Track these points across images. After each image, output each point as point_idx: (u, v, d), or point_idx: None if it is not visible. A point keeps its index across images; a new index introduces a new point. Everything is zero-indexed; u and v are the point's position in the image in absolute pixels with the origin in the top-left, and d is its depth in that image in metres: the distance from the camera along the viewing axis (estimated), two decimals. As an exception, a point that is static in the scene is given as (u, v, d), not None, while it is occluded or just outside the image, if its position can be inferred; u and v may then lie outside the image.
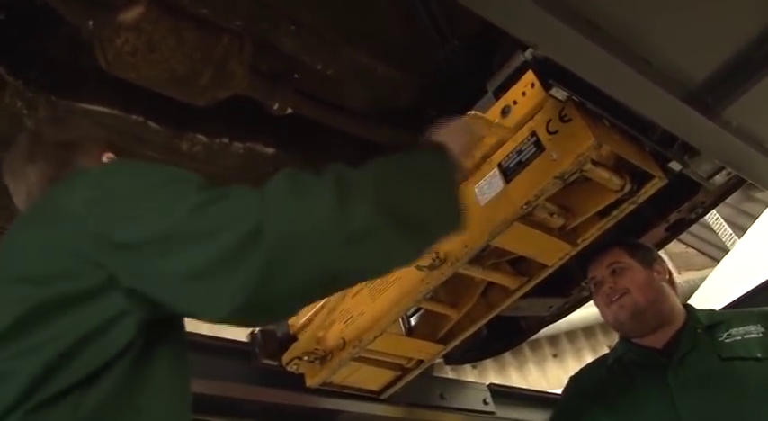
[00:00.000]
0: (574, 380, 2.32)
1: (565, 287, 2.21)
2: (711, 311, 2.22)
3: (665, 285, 2.12)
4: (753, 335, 1.97)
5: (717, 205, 2.18)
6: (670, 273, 2.19)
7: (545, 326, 2.59)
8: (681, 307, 2.12)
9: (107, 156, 1.36)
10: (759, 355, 1.92)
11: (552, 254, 1.80)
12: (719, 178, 1.77)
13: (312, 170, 1.11)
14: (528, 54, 1.47)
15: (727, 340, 1.99)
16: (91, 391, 0.98)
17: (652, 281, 2.09)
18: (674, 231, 2.23)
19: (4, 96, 1.61)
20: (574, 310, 2.53)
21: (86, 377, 0.99)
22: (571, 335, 7.52)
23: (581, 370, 2.34)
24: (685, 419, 1.90)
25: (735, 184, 2.00)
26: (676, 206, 2.02)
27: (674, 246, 8.08)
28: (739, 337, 1.98)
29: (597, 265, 2.11)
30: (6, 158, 1.39)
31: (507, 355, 7.04)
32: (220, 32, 1.65)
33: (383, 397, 2.30)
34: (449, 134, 1.39)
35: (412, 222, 1.17)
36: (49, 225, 1.10)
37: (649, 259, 2.14)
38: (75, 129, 1.39)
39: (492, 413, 2.93)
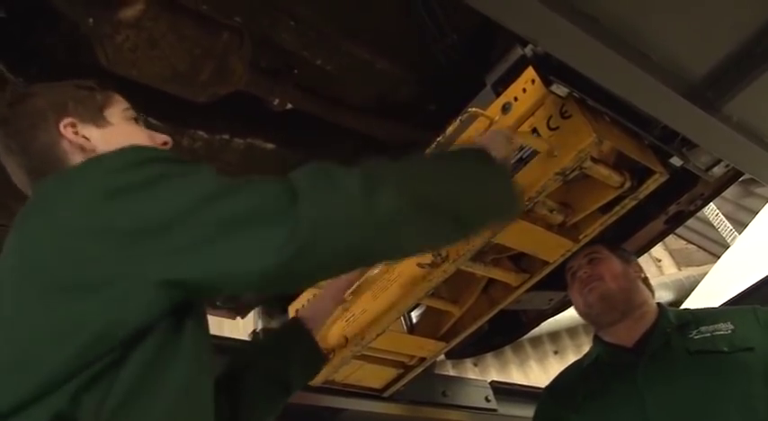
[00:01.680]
0: (548, 389, 2.34)
1: (565, 280, 2.21)
2: (682, 311, 2.25)
3: (640, 282, 2.14)
4: (721, 332, 1.98)
5: (716, 197, 2.18)
6: (646, 276, 2.21)
7: (545, 320, 2.59)
8: (654, 306, 2.13)
9: (64, 124, 1.28)
10: (726, 349, 1.93)
11: (553, 250, 1.81)
12: (718, 170, 1.77)
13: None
14: (528, 50, 1.47)
15: (696, 336, 2.00)
16: (120, 373, 0.97)
17: (627, 273, 2.11)
18: (673, 223, 2.23)
19: (4, 93, 1.61)
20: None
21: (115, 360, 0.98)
22: (572, 331, 7.51)
23: (555, 377, 2.35)
24: (652, 415, 1.91)
25: (733, 176, 2.00)
26: (675, 198, 2.01)
27: (674, 241, 8.08)
28: (708, 334, 1.99)
29: (575, 256, 2.12)
30: None
31: (508, 352, 7.04)
32: (220, 29, 1.66)
33: (385, 394, 2.30)
34: (488, 142, 1.41)
35: (444, 206, 1.19)
36: (50, 226, 1.08)
37: (627, 257, 2.18)
38: (30, 112, 1.30)
39: (494, 410, 2.94)
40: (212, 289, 1.11)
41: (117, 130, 1.30)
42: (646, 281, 2.19)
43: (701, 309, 2.22)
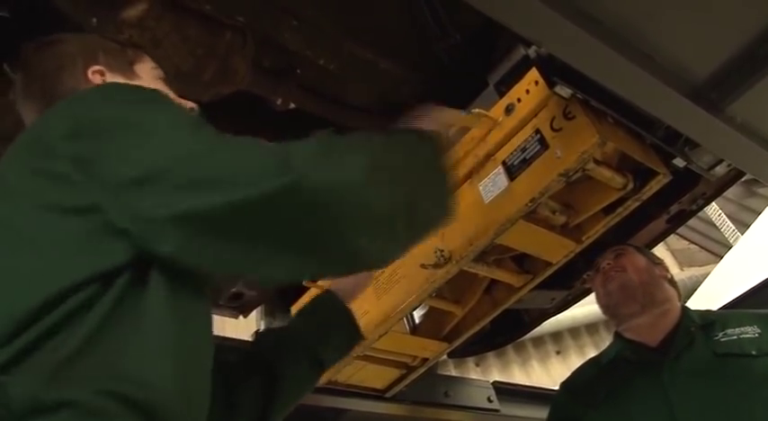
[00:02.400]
0: (564, 385, 2.33)
1: (567, 279, 2.21)
2: (705, 311, 2.24)
3: (664, 281, 2.14)
4: (749, 335, 1.98)
5: (717, 196, 2.19)
6: (672, 277, 2.22)
7: (548, 319, 2.59)
8: (678, 306, 2.14)
9: (93, 71, 1.23)
10: (754, 353, 1.93)
11: (557, 251, 1.80)
12: (720, 169, 1.77)
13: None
14: (532, 51, 1.47)
15: (722, 339, 2.00)
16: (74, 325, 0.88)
17: (650, 269, 2.13)
18: (675, 223, 2.23)
19: (7, 94, 1.61)
20: (576, 303, 2.53)
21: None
22: (574, 331, 7.51)
23: (572, 374, 2.34)
24: (680, 415, 1.91)
25: (735, 176, 2.01)
26: (677, 197, 2.01)
27: (676, 242, 8.09)
28: (735, 336, 1.99)
29: (603, 256, 2.15)
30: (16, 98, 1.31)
31: (510, 353, 7.04)
32: (223, 28, 1.66)
33: (388, 395, 2.30)
34: (431, 124, 1.36)
35: (418, 214, 1.15)
36: (31, 156, 1.04)
37: (653, 258, 2.19)
38: (59, 55, 1.25)
39: (496, 410, 2.94)
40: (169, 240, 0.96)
41: (144, 84, 1.25)
42: (672, 281, 2.20)
43: (725, 311, 2.22)
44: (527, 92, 1.59)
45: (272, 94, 1.83)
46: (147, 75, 1.30)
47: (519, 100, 1.61)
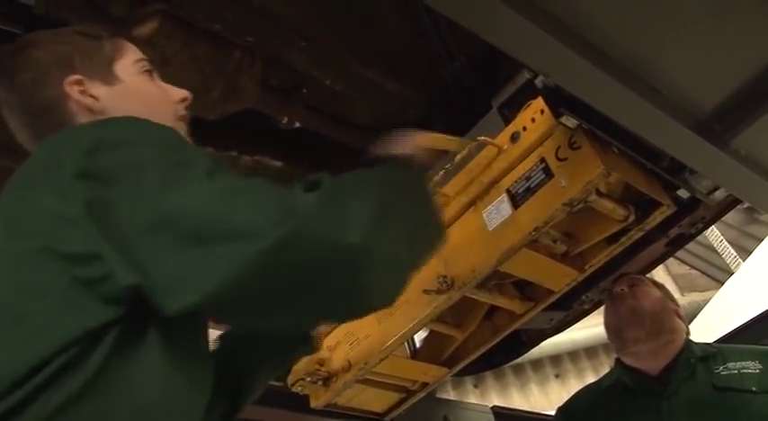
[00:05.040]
0: (562, 411, 2.32)
1: (566, 300, 2.20)
2: (706, 344, 2.24)
3: (674, 314, 2.15)
4: (750, 371, 1.98)
5: (717, 221, 2.20)
6: (681, 312, 2.23)
7: (546, 339, 2.58)
8: (683, 338, 2.13)
9: (69, 82, 1.16)
10: (754, 389, 1.92)
11: (559, 279, 1.80)
12: (719, 194, 1.78)
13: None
14: (539, 81, 1.48)
15: (723, 372, 2.00)
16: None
17: (663, 301, 2.14)
18: (674, 246, 2.23)
19: None
20: (574, 323, 2.52)
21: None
22: (573, 355, 7.50)
23: (569, 399, 2.34)
24: None
25: (734, 201, 2.01)
26: (676, 221, 2.01)
27: (677, 267, 8.08)
28: (736, 371, 1.99)
29: (619, 281, 2.17)
30: None
31: (509, 375, 7.02)
32: (232, 48, 1.68)
33: (386, 419, 2.28)
34: (405, 148, 1.35)
35: (416, 243, 1.13)
36: (33, 188, 1.00)
37: (668, 294, 2.20)
38: (32, 65, 1.18)
39: (495, 436, 2.93)
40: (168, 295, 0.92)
41: (127, 88, 1.19)
42: (681, 317, 2.20)
43: (726, 345, 2.22)
44: (533, 120, 1.60)
45: (279, 112, 1.85)
46: (129, 73, 1.22)
47: (524, 128, 1.61)
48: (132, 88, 1.20)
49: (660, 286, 2.22)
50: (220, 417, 1.33)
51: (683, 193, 1.65)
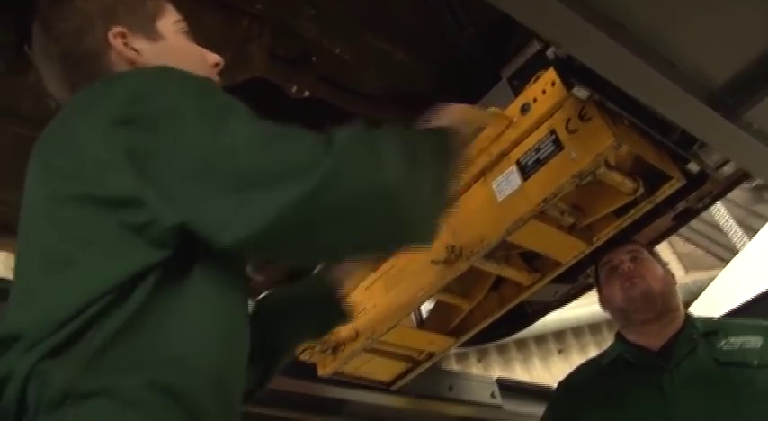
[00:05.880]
0: (562, 384, 2.33)
1: (571, 273, 2.20)
2: (708, 319, 2.24)
3: (676, 290, 2.15)
4: (752, 346, 1.99)
5: (724, 195, 2.20)
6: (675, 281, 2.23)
7: (550, 312, 2.59)
8: (683, 313, 2.14)
9: (114, 34, 1.17)
10: (756, 363, 1.93)
11: (567, 251, 1.81)
12: (728, 168, 1.76)
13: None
14: (550, 52, 1.48)
15: (725, 347, 2.00)
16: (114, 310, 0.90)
17: (666, 277, 2.13)
18: (681, 220, 2.24)
19: (28, 76, 1.62)
20: (579, 296, 2.54)
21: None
22: (577, 331, 7.51)
23: (570, 373, 2.35)
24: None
25: (742, 175, 2.01)
26: (684, 195, 2.01)
27: (682, 245, 8.06)
28: (738, 346, 2.00)
29: (616, 251, 2.15)
30: (33, 51, 1.25)
31: (513, 350, 7.05)
32: (241, 16, 1.68)
33: (393, 388, 2.31)
34: (447, 121, 1.36)
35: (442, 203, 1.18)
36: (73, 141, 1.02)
37: (663, 264, 2.19)
38: (76, 14, 1.18)
39: (499, 406, 2.96)
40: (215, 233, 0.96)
41: (169, 45, 1.21)
42: (675, 287, 2.20)
43: (728, 320, 2.22)
44: (543, 92, 1.60)
45: (288, 82, 1.85)
46: (171, 31, 1.24)
47: (535, 100, 1.61)
48: (174, 46, 1.22)
49: (657, 256, 2.21)
50: (254, 380, 1.38)
51: (692, 167, 1.65)
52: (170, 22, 1.25)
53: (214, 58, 1.28)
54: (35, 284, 0.97)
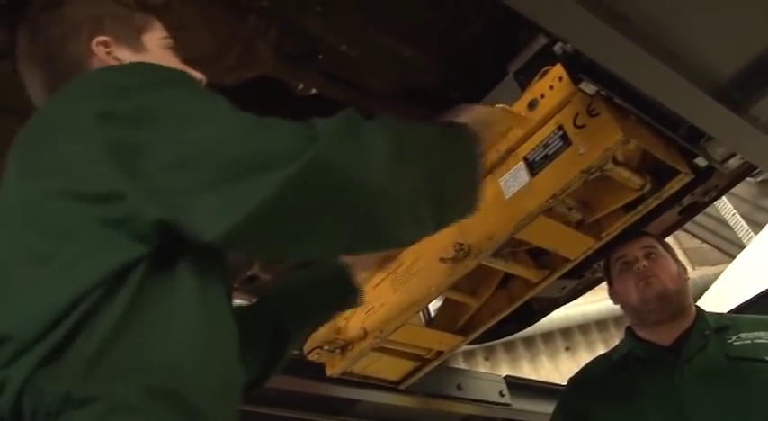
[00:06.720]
0: (573, 380, 2.32)
1: (578, 269, 2.20)
2: (719, 315, 2.23)
3: (688, 286, 2.14)
4: (763, 341, 1.98)
5: (730, 189, 2.19)
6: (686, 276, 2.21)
7: (557, 308, 2.58)
8: (694, 308, 2.14)
9: (97, 42, 1.19)
10: (767, 358, 1.93)
11: (575, 247, 1.81)
12: (733, 162, 1.76)
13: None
14: (558, 48, 1.47)
15: (736, 342, 2.00)
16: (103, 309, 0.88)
17: (681, 274, 2.12)
18: (687, 214, 2.23)
19: None
20: (586, 292, 2.52)
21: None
22: (584, 328, 7.51)
23: (581, 370, 2.34)
24: (692, 416, 1.90)
25: (748, 168, 2.00)
26: (690, 189, 2.00)
27: (689, 241, 8.06)
28: (749, 341, 1.99)
29: (630, 246, 2.12)
30: (16, 55, 1.27)
31: (520, 347, 7.05)
32: (247, 12, 1.68)
33: (402, 387, 2.31)
34: (474, 121, 1.36)
35: (443, 202, 1.17)
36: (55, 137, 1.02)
37: (676, 258, 2.17)
38: (64, 20, 1.21)
39: (508, 405, 2.95)
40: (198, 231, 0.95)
41: (152, 57, 1.22)
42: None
43: (739, 315, 2.21)
44: (551, 88, 1.59)
45: (294, 79, 1.84)
46: (156, 46, 1.25)
47: (542, 96, 1.61)
48: (157, 59, 1.22)
49: (667, 246, 2.18)
50: (247, 386, 1.34)
51: (700, 162, 1.65)
52: (156, 37, 1.27)
53: (197, 75, 1.27)
54: (15, 283, 0.93)
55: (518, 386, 3.10)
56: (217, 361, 0.96)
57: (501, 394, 2.98)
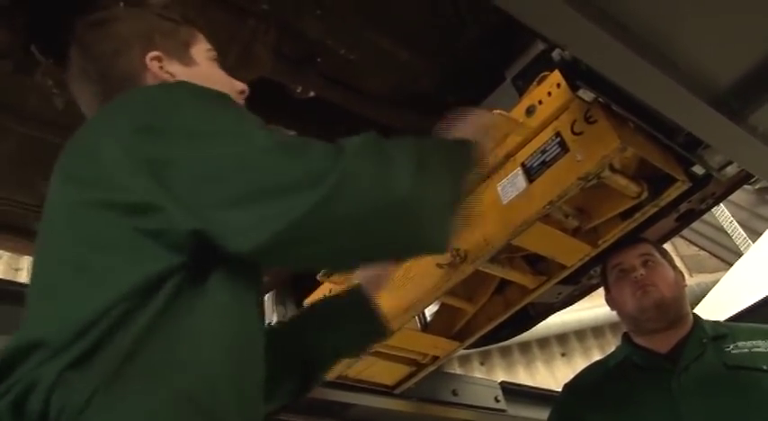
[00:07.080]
0: (569, 386, 2.32)
1: (574, 274, 2.20)
2: (717, 323, 2.23)
3: (685, 293, 2.14)
4: (760, 350, 1.97)
5: (727, 196, 2.19)
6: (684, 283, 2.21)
7: (553, 313, 2.58)
8: (691, 315, 2.13)
9: (151, 57, 1.22)
10: (765, 367, 1.92)
11: (572, 254, 1.81)
12: (731, 170, 1.76)
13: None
14: (556, 54, 1.47)
15: (733, 351, 1.99)
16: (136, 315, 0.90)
17: (678, 282, 2.11)
18: (684, 221, 2.23)
19: (35, 74, 1.63)
20: (582, 298, 2.52)
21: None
22: (580, 334, 7.51)
23: (576, 376, 2.33)
24: None
25: (745, 176, 2.00)
26: (687, 196, 2.00)
27: (686, 248, 8.07)
28: (746, 350, 1.98)
29: (627, 254, 2.11)
30: (68, 73, 1.31)
31: (516, 353, 7.05)
32: (246, 15, 1.68)
33: (397, 391, 2.30)
34: (472, 128, 1.37)
35: (452, 213, 1.18)
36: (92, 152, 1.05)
37: (674, 265, 2.17)
38: (114, 37, 1.24)
39: (503, 411, 2.95)
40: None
41: (201, 71, 1.26)
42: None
43: (736, 324, 2.21)
44: (549, 94, 1.59)
45: (293, 81, 1.85)
46: (203, 58, 1.29)
47: (540, 102, 1.61)
48: (206, 71, 1.27)
49: (664, 253, 2.17)
50: (289, 393, 1.41)
51: (697, 169, 1.65)
52: (202, 50, 1.30)
53: (241, 85, 1.31)
54: (53, 290, 0.98)
55: (514, 392, 3.09)
56: (243, 371, 0.98)
57: (496, 400, 2.97)
